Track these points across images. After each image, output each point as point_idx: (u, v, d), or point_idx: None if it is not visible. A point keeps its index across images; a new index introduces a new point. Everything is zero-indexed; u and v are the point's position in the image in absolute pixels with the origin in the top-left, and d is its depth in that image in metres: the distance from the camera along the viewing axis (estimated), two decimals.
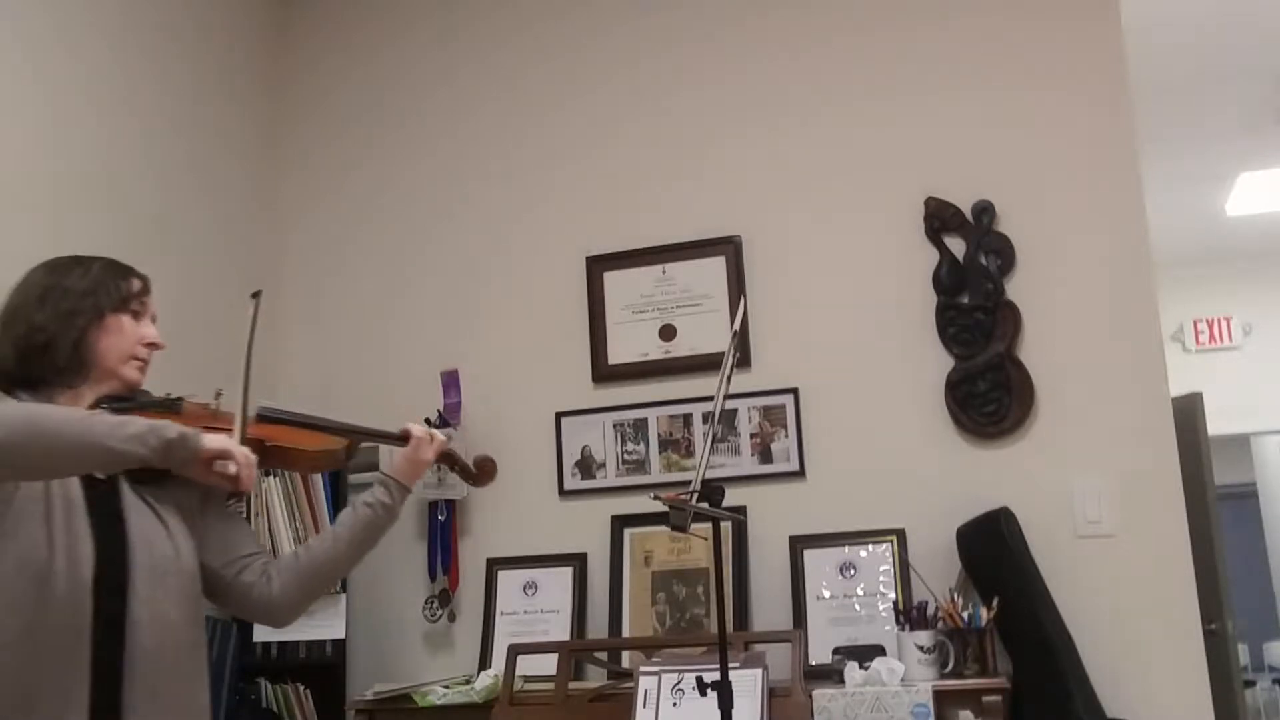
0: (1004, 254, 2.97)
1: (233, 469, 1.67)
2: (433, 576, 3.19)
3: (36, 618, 1.67)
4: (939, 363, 2.97)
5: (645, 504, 2.50)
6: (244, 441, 1.79)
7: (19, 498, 1.69)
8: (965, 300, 2.97)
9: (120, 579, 1.74)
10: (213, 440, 1.67)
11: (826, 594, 2.89)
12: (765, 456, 3.05)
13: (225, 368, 2.03)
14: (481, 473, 2.26)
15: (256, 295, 1.95)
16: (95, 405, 1.84)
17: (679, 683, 2.43)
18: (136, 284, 1.94)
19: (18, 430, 1.54)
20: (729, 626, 2.43)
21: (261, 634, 2.94)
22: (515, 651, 2.75)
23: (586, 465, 3.18)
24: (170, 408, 1.89)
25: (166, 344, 1.96)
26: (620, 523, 3.10)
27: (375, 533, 2.03)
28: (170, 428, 1.63)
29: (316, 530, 3.02)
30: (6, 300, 1.88)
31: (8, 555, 1.67)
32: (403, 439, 2.09)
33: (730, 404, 2.97)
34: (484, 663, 3.03)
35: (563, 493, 3.18)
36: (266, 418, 1.94)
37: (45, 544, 1.69)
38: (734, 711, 2.04)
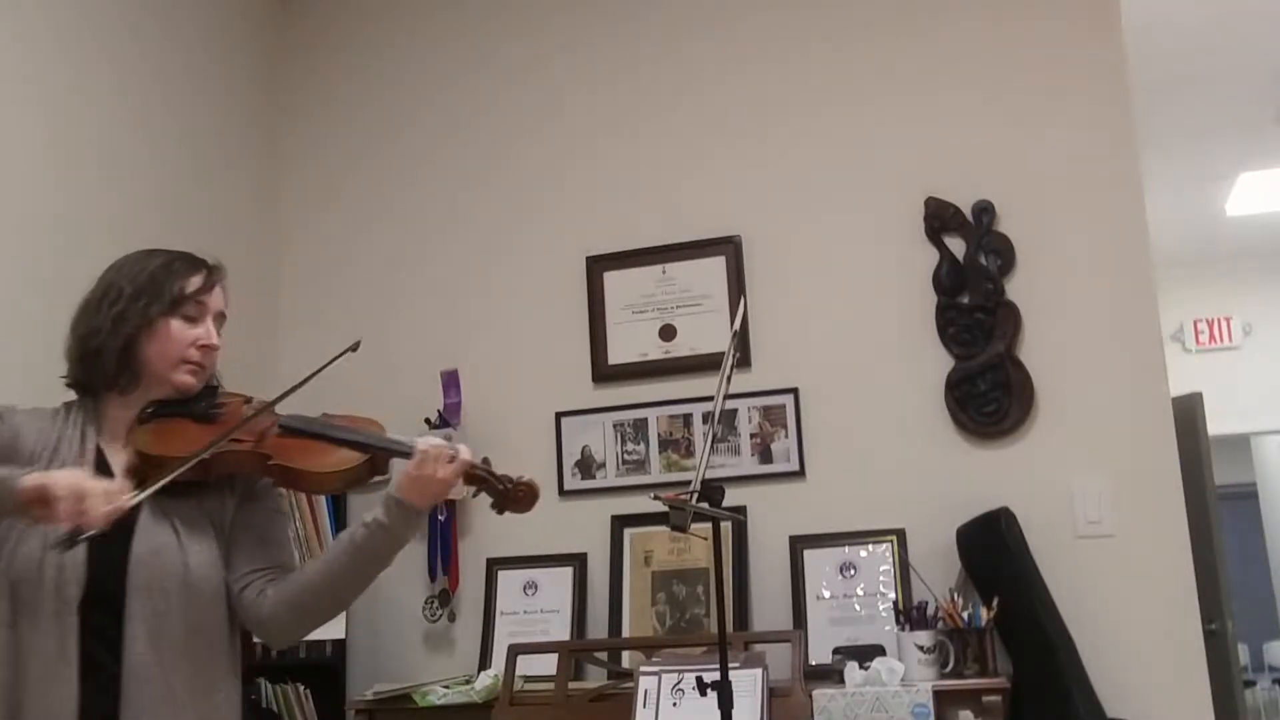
0: (1004, 254, 2.97)
1: (52, 514, 1.55)
2: (433, 576, 3.18)
3: (25, 637, 1.66)
4: (939, 363, 2.97)
5: (645, 504, 2.50)
6: (253, 450, 1.81)
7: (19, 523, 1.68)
8: (965, 300, 2.97)
9: (116, 597, 1.71)
10: (31, 480, 1.57)
11: (826, 594, 2.89)
12: (765, 456, 3.05)
13: (227, 368, 2.03)
14: (515, 498, 1.98)
15: (355, 347, 1.91)
16: (143, 411, 1.82)
17: (679, 683, 2.43)
18: (195, 283, 1.85)
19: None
20: (729, 626, 2.43)
21: None
22: (515, 651, 2.75)
23: (586, 465, 3.18)
24: (209, 418, 1.84)
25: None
26: (620, 523, 3.10)
27: (374, 556, 1.82)
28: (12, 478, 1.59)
29: (320, 546, 3.01)
30: (86, 294, 1.86)
31: (3, 577, 1.68)
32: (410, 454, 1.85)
33: (730, 404, 2.97)
34: (484, 663, 3.03)
35: (563, 493, 3.18)
36: (287, 428, 1.85)
37: (37, 566, 1.68)
38: (734, 711, 2.03)
